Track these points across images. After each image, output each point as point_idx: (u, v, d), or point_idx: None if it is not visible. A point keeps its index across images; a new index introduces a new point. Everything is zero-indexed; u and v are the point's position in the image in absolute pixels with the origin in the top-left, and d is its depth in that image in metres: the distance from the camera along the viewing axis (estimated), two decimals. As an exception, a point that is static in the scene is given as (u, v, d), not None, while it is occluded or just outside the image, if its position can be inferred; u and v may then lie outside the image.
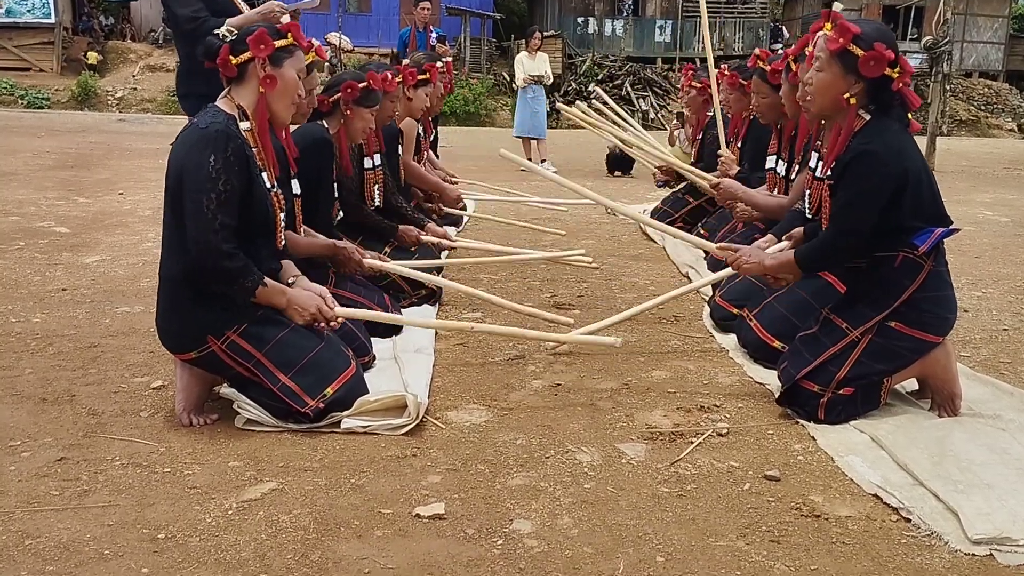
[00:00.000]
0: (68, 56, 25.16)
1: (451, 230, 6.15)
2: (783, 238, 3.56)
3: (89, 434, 2.66)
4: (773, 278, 3.15)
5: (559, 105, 5.28)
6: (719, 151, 5.31)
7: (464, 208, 6.30)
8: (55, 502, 2.23)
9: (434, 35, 9.80)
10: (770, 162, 4.50)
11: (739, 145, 5.45)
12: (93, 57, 24.53)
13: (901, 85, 2.76)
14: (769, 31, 28.91)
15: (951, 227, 2.80)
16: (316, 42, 3.11)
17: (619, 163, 11.27)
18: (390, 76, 4.08)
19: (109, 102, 23.60)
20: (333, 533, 2.10)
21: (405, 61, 5.56)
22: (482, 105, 24.31)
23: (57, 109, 22.37)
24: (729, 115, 5.58)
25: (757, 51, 4.58)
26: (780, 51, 4.75)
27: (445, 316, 4.10)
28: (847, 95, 2.79)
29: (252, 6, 4.11)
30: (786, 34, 28.48)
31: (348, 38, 25.76)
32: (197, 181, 2.58)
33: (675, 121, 10.35)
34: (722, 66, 5.54)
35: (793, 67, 4.04)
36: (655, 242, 6.24)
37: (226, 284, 2.65)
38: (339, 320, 2.93)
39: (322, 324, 2.85)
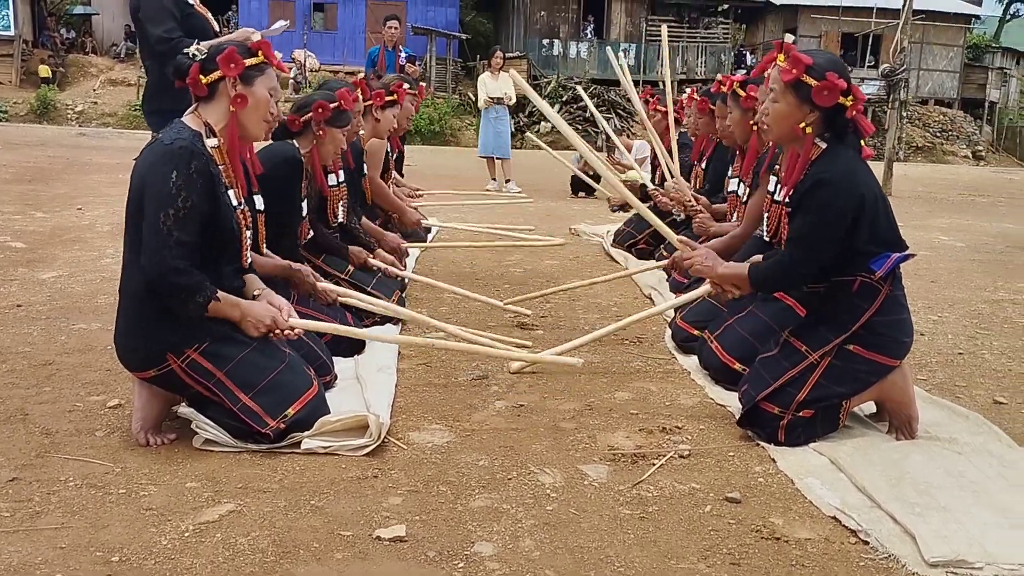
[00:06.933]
0: (27, 69, 24.85)
1: (414, 249, 6.16)
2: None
3: (42, 454, 2.60)
4: (720, 287, 3.16)
5: (512, 72, 5.23)
6: (667, 181, 5.46)
7: (427, 230, 6.37)
8: (6, 524, 2.17)
9: (403, 55, 9.79)
10: (732, 185, 4.55)
11: (703, 167, 5.53)
12: (45, 70, 24.23)
13: (855, 113, 2.82)
14: (733, 56, 29.33)
15: (907, 252, 2.85)
16: (278, 55, 3.09)
17: (583, 184, 11.34)
18: (355, 94, 4.08)
19: (69, 116, 23.34)
20: (292, 556, 2.08)
21: (360, 75, 5.57)
22: (447, 124, 24.38)
23: (15, 122, 22.06)
24: (693, 138, 5.67)
25: (720, 77, 4.65)
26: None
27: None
28: (803, 124, 2.84)
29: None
30: (749, 59, 28.92)
31: (314, 55, 25.79)
32: (157, 196, 2.55)
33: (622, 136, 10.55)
34: (689, 90, 5.63)
35: (741, 92, 4.12)
36: (618, 263, 6.28)
37: (177, 299, 2.61)
38: (295, 332, 2.86)
39: (276, 333, 2.80)
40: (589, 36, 29.18)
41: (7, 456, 2.57)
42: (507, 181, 11.55)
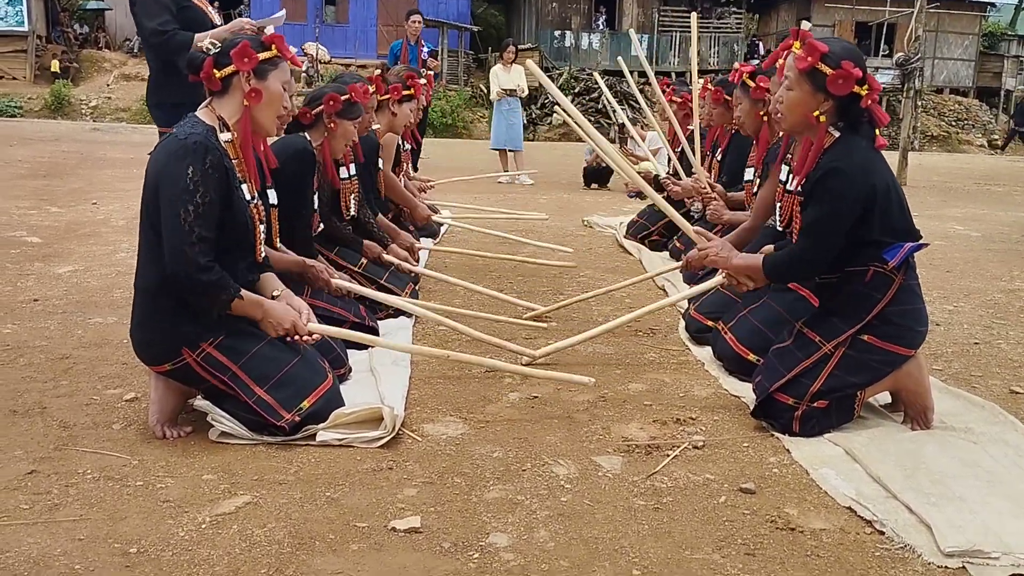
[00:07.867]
0: (41, 64, 24.97)
1: (427, 241, 6.17)
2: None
3: (60, 447, 2.62)
4: (734, 279, 3.17)
5: (528, 63, 4.84)
6: (693, 169, 5.40)
7: (438, 225, 6.39)
8: (25, 516, 2.19)
9: (425, 49, 9.81)
10: (748, 174, 4.54)
11: (718, 159, 5.50)
12: (56, 65, 24.33)
13: (870, 102, 2.80)
14: (745, 46, 29.19)
15: (920, 241, 2.83)
16: (292, 49, 3.09)
17: (595, 176, 11.33)
18: (366, 87, 4.08)
19: (83, 111, 23.43)
20: (308, 547, 2.09)
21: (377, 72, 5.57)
22: (459, 117, 24.35)
23: (30, 117, 22.17)
24: (707, 128, 5.64)
25: (737, 65, 4.62)
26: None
27: (421, 331, 4.09)
28: (817, 112, 2.82)
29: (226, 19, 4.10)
30: (762, 49, 28.77)
31: (325, 48, 25.80)
32: (175, 193, 2.55)
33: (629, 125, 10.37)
34: (703, 80, 5.59)
35: (750, 83, 4.09)
36: (631, 254, 6.27)
37: (201, 296, 2.63)
38: (313, 336, 2.90)
39: (295, 338, 2.83)
40: (601, 27, 29.08)
41: (25, 449, 2.60)
42: (519, 174, 11.54)
